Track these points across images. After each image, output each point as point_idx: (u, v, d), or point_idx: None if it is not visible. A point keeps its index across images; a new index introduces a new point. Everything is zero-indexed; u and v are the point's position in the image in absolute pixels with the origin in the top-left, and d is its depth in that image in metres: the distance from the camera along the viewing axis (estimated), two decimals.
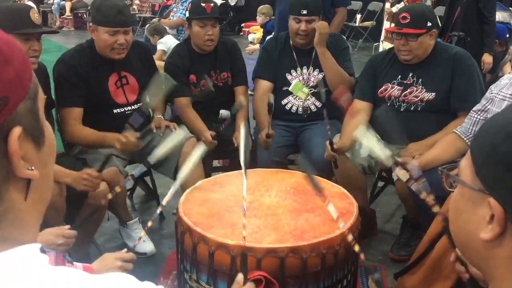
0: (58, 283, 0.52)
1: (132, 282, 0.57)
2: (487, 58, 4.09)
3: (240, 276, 1.34)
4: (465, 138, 2.24)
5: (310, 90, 2.93)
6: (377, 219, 2.96)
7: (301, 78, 2.95)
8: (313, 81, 2.94)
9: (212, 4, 2.88)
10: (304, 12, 2.80)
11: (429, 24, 2.50)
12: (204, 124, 2.83)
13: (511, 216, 0.62)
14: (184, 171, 1.76)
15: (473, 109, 2.25)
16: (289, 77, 2.96)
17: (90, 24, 2.59)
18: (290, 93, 2.95)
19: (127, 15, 2.57)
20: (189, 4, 3.00)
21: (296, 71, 2.96)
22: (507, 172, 0.62)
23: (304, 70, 2.95)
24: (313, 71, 2.94)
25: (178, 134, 2.01)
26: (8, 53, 0.53)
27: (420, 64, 2.58)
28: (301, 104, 2.94)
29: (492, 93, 2.19)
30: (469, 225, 0.68)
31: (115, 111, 2.63)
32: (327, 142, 2.49)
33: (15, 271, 0.51)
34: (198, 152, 1.86)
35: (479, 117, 2.21)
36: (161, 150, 1.99)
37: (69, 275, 0.53)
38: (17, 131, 0.52)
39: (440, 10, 8.02)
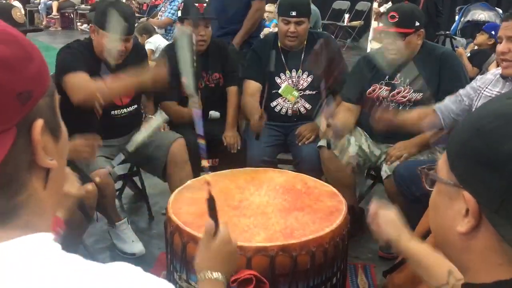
0: (71, 268, 0.55)
1: (138, 273, 0.61)
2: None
3: (209, 223, 1.14)
4: (440, 115, 2.26)
5: (300, 93, 2.91)
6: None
7: (290, 81, 2.92)
8: (302, 84, 2.92)
9: (205, 5, 2.86)
10: (293, 13, 2.78)
11: (417, 23, 2.52)
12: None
13: (485, 209, 0.64)
14: (138, 137, 1.74)
15: (460, 91, 2.25)
16: (278, 80, 2.93)
17: (92, 24, 2.57)
18: (279, 95, 2.93)
19: (132, 23, 2.55)
20: (181, 3, 2.97)
21: (285, 74, 2.93)
22: (478, 165, 0.65)
23: (293, 73, 2.92)
24: (302, 74, 2.92)
25: (156, 120, 1.97)
26: (31, 51, 0.58)
27: (408, 65, 2.59)
28: (290, 106, 2.93)
29: (477, 84, 2.20)
30: (446, 220, 0.71)
31: (112, 112, 2.62)
32: (323, 117, 2.48)
33: (32, 255, 0.54)
34: (156, 121, 1.85)
35: (463, 99, 2.23)
36: (139, 137, 1.96)
37: (82, 263, 0.57)
38: (39, 122, 0.56)
39: None
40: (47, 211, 0.62)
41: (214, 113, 3.03)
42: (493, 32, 4.46)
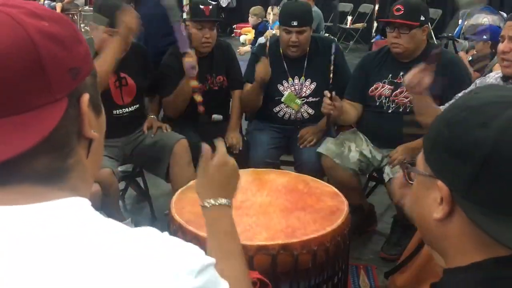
0: (107, 230, 0.63)
1: (167, 236, 0.66)
2: None
3: (206, 148, 1.14)
4: None
5: (303, 100, 2.89)
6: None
7: (293, 88, 2.88)
8: (305, 92, 2.89)
9: (211, 7, 2.84)
10: (295, 23, 2.72)
11: (422, 18, 2.50)
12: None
13: (456, 195, 0.70)
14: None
15: (459, 94, 2.25)
16: (281, 88, 2.89)
17: (91, 23, 2.59)
18: (282, 101, 2.91)
19: None
20: (186, 5, 2.98)
21: (287, 81, 2.89)
22: (448, 155, 0.71)
23: (296, 81, 2.88)
24: (305, 81, 2.88)
25: None
26: (79, 35, 0.68)
27: (412, 63, 2.56)
28: (293, 113, 2.90)
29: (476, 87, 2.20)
30: (424, 209, 0.77)
31: (114, 112, 2.64)
32: (326, 92, 2.50)
33: (74, 216, 0.62)
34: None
35: None
36: None
37: (116, 225, 0.64)
38: (86, 96, 0.65)
39: (431, 12, 8.09)
40: (89, 180, 0.71)
41: (216, 116, 3.04)
42: (484, 37, 4.45)
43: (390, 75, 2.64)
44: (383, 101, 2.65)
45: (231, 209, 1.08)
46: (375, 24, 8.47)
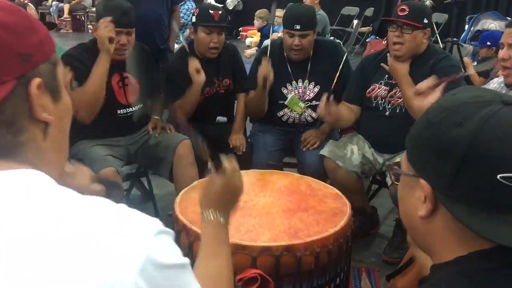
0: (67, 198, 0.65)
1: (122, 207, 0.69)
2: None
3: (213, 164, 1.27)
4: None
5: (306, 104, 2.89)
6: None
7: (296, 92, 2.89)
8: (309, 95, 2.90)
9: (220, 12, 2.85)
10: (297, 27, 2.72)
11: (425, 21, 2.50)
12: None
13: (438, 193, 0.74)
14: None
15: None
16: (284, 91, 2.90)
17: (93, 23, 2.61)
18: (286, 105, 2.91)
19: (131, 16, 2.57)
20: (195, 9, 2.99)
21: (291, 84, 2.89)
22: (429, 154, 0.74)
23: (300, 84, 2.89)
24: (309, 84, 2.89)
25: None
26: (36, 25, 0.70)
27: (410, 65, 2.54)
28: (297, 116, 2.91)
29: None
30: (409, 208, 0.80)
31: (118, 111, 2.66)
32: (324, 96, 2.50)
33: (22, 184, 0.64)
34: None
35: None
36: None
37: (67, 192, 0.66)
38: (37, 81, 0.67)
39: (437, 17, 8.09)
40: (51, 161, 0.72)
41: (221, 118, 3.06)
42: (488, 43, 4.45)
43: (386, 76, 2.64)
44: (379, 102, 2.65)
45: (227, 225, 1.15)
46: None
